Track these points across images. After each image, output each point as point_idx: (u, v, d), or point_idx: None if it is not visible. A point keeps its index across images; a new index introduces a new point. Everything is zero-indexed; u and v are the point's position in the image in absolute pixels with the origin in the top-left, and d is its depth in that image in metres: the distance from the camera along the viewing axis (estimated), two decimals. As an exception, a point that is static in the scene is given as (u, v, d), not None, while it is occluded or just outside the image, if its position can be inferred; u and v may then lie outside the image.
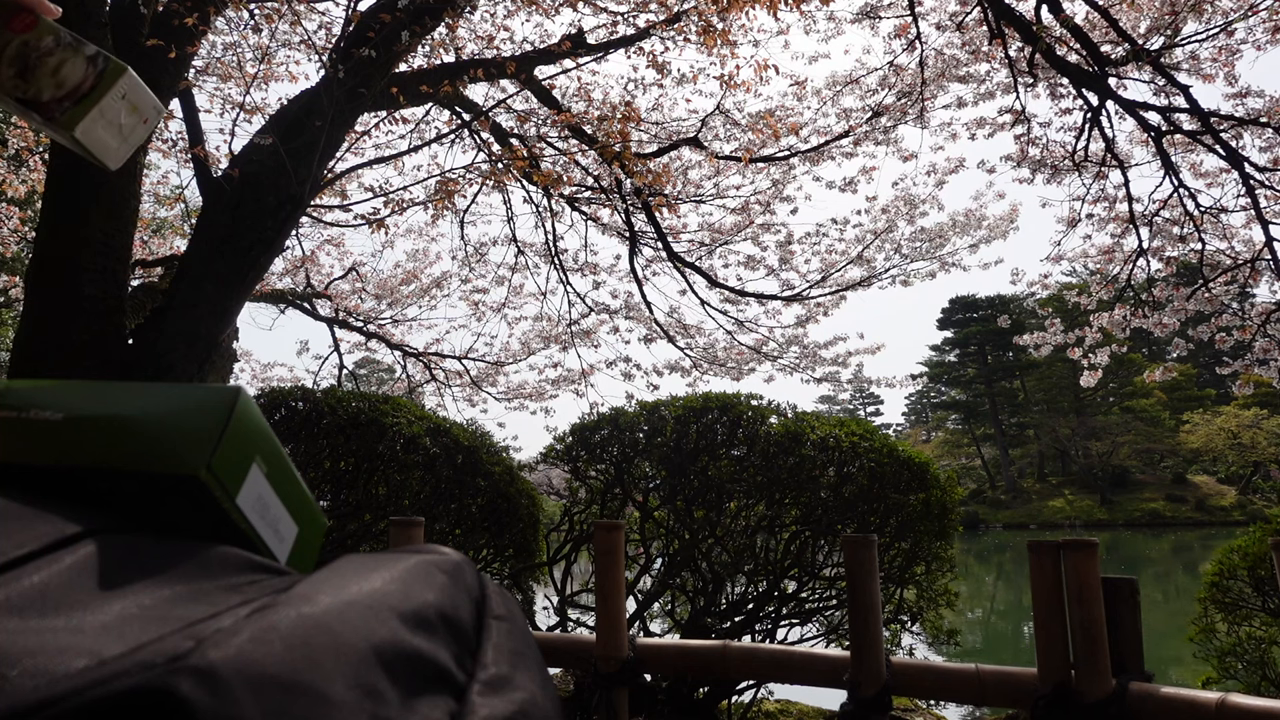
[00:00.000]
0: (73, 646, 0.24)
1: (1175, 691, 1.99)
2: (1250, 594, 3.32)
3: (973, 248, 8.27)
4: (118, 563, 0.31)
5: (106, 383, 0.43)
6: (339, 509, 4.09)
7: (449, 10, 4.14)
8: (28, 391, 0.42)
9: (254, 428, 0.42)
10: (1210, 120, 5.01)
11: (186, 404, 0.41)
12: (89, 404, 0.41)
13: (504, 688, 0.30)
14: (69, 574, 0.29)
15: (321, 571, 0.31)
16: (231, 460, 0.40)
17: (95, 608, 0.27)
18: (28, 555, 0.29)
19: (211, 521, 0.39)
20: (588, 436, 4.44)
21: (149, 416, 0.40)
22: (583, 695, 3.39)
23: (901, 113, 6.93)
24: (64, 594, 0.28)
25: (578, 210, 7.02)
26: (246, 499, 0.41)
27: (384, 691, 0.25)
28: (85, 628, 0.26)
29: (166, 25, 3.63)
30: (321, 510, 0.47)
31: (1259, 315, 5.70)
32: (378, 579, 0.30)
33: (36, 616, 0.26)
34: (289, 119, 3.98)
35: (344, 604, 0.28)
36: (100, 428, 0.39)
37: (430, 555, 0.34)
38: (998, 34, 5.37)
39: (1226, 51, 5.94)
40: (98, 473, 0.38)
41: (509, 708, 0.29)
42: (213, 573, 0.33)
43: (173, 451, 0.38)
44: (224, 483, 0.39)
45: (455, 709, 0.28)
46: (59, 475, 0.38)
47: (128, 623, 0.27)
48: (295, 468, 0.46)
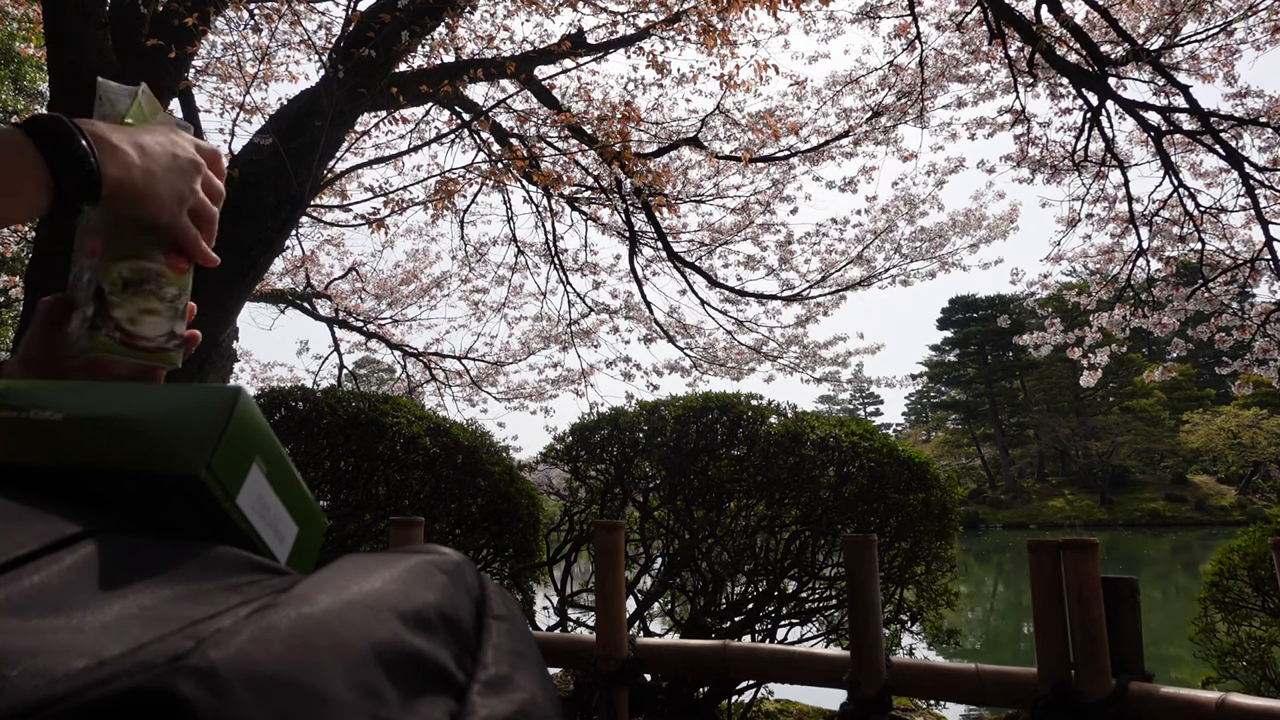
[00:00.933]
0: (73, 646, 0.24)
1: (1175, 691, 1.99)
2: (1250, 594, 3.32)
3: (972, 247, 8.28)
4: (118, 563, 0.31)
5: (106, 383, 0.43)
6: (339, 509, 4.09)
7: (449, 10, 4.14)
8: (28, 391, 0.42)
9: (254, 428, 0.42)
10: (1210, 120, 5.01)
11: (186, 404, 0.41)
12: (89, 404, 0.41)
13: (504, 688, 0.30)
14: (69, 574, 0.29)
15: (322, 572, 0.31)
16: (231, 460, 0.40)
17: (95, 608, 0.27)
18: (28, 555, 0.29)
19: (212, 522, 0.39)
20: (587, 436, 4.44)
21: (149, 417, 0.40)
22: (583, 695, 3.39)
23: (901, 112, 6.93)
24: (64, 594, 0.28)
25: (578, 210, 7.01)
26: (246, 499, 0.41)
27: (384, 691, 0.25)
28: (85, 628, 0.26)
29: (166, 25, 3.63)
30: (321, 510, 0.47)
31: (1258, 315, 5.70)
32: (378, 579, 0.30)
33: (37, 616, 0.26)
34: (289, 119, 3.98)
35: (344, 604, 0.28)
36: (100, 428, 0.39)
37: (430, 555, 0.34)
38: (997, 34, 5.37)
39: (1226, 51, 5.94)
40: (98, 473, 0.38)
41: (509, 708, 0.29)
42: (213, 573, 0.33)
43: (173, 452, 0.38)
44: (224, 483, 0.39)
45: (455, 709, 0.28)
46: (59, 475, 0.38)
47: (128, 623, 0.27)
48: (295, 468, 0.46)
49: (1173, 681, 2.36)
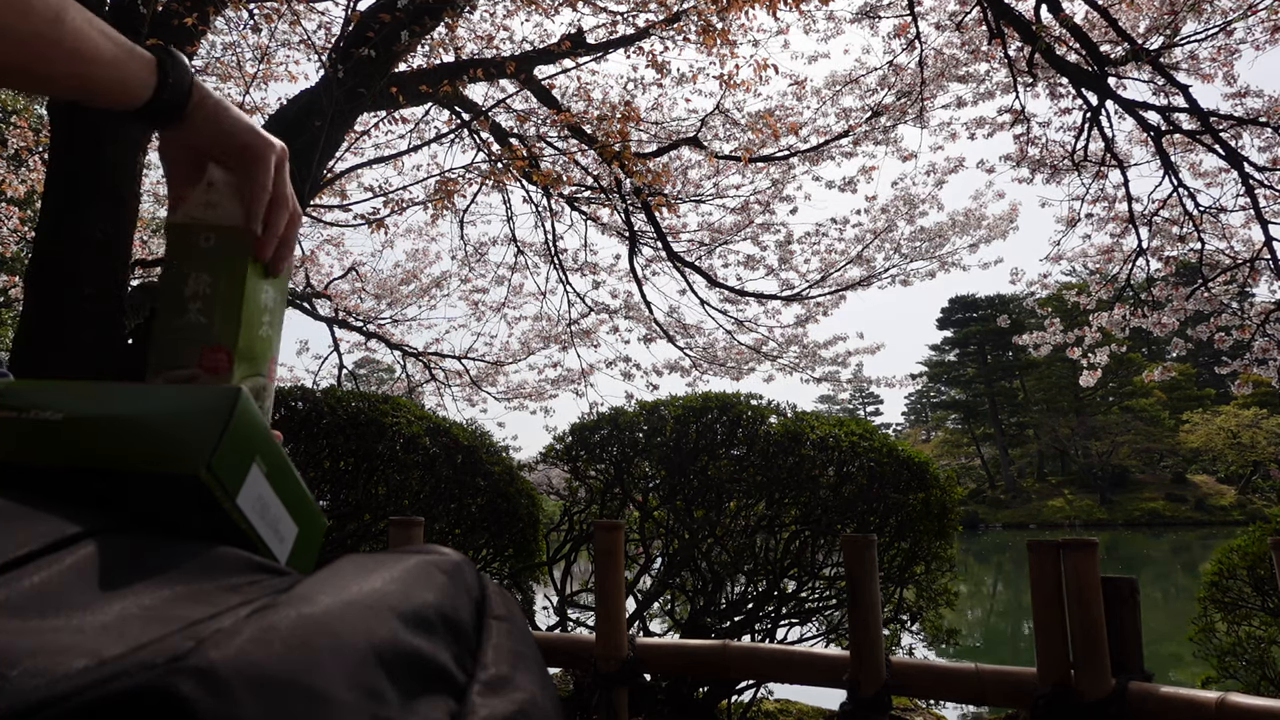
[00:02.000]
0: (73, 646, 0.24)
1: (1175, 691, 1.99)
2: (1250, 593, 3.32)
3: (972, 247, 8.29)
4: (118, 563, 0.31)
5: (107, 383, 0.43)
6: (338, 509, 4.09)
7: (448, 10, 4.14)
8: (29, 392, 0.42)
9: (254, 428, 0.42)
10: (1209, 120, 5.01)
11: (187, 405, 0.41)
12: (89, 404, 0.41)
13: (504, 688, 0.30)
14: (70, 574, 0.29)
15: (321, 572, 0.31)
16: (232, 460, 0.40)
17: (96, 608, 0.27)
18: (29, 555, 0.29)
19: (212, 522, 0.39)
20: (587, 436, 4.44)
21: (149, 417, 0.40)
22: (582, 695, 3.40)
23: (901, 112, 6.93)
24: (65, 594, 0.28)
25: (577, 210, 7.02)
26: (247, 499, 0.41)
27: (384, 692, 0.25)
28: (86, 628, 0.26)
29: (166, 25, 3.63)
30: (321, 510, 0.47)
31: (1258, 315, 5.71)
32: (378, 579, 0.30)
33: (37, 616, 0.26)
34: (289, 119, 3.98)
35: (344, 604, 0.28)
36: (101, 428, 0.39)
37: (430, 555, 0.34)
38: (997, 33, 5.37)
39: (1225, 51, 5.94)
40: (98, 473, 0.38)
41: (509, 708, 0.29)
42: (213, 573, 0.33)
43: (173, 452, 0.38)
44: (224, 483, 0.39)
45: (455, 709, 0.28)
46: (60, 475, 0.38)
47: (128, 623, 0.27)
48: (295, 468, 0.46)
49: (1172, 681, 2.36)
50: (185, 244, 0.55)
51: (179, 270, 0.55)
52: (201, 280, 0.54)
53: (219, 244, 0.55)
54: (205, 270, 0.55)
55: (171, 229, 0.56)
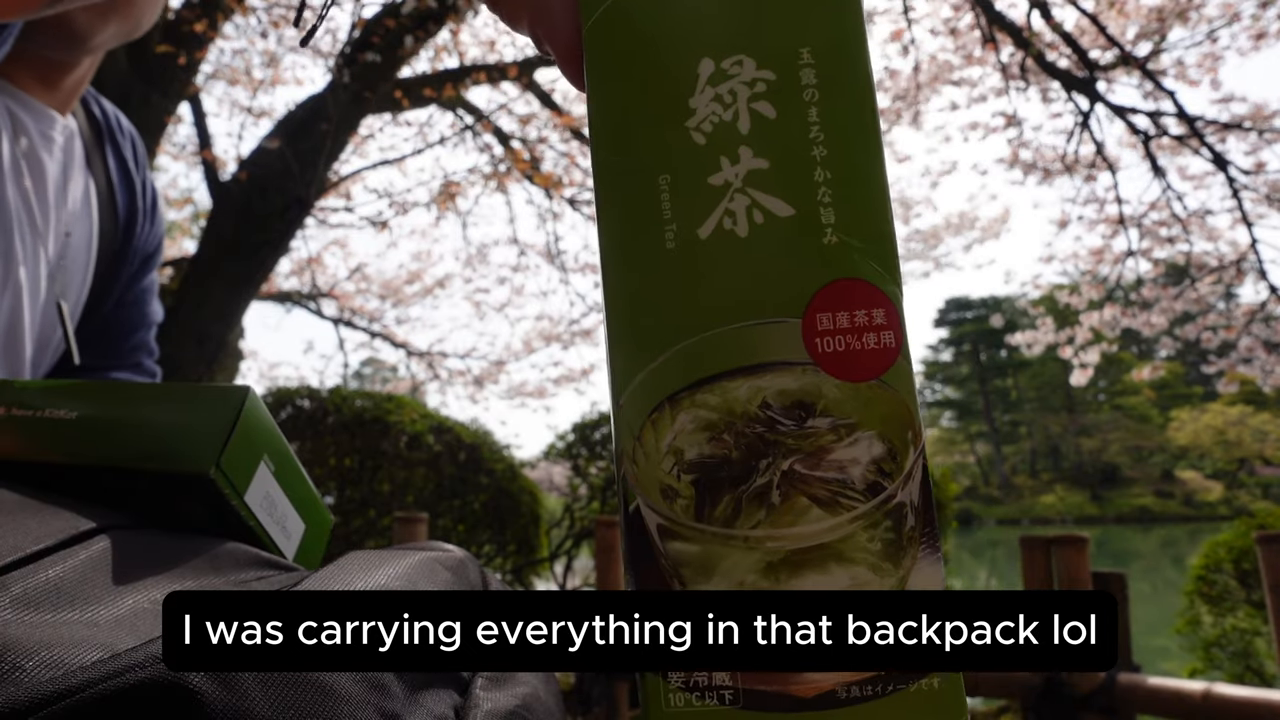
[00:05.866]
0: (87, 639, 0.24)
1: (1162, 682, 2.06)
2: (1235, 587, 3.38)
3: (966, 248, 8.36)
4: (130, 558, 0.31)
5: (118, 383, 0.46)
6: (344, 506, 4.14)
7: (452, 16, 4.19)
8: (42, 392, 0.43)
9: (262, 427, 0.42)
10: (1196, 124, 5.11)
11: (195, 404, 0.41)
12: (101, 404, 0.41)
13: (507, 681, 0.30)
14: (84, 569, 0.29)
15: (328, 567, 0.31)
16: (240, 459, 0.40)
17: (109, 602, 0.28)
18: (44, 550, 0.29)
19: (221, 519, 0.40)
20: (589, 434, 4.50)
21: (159, 416, 0.40)
22: (584, 689, 3.46)
23: (896, 115, 7.00)
24: (79, 588, 0.28)
25: (579, 211, 7.07)
26: (254, 496, 0.41)
27: (389, 684, 0.26)
28: (99, 621, 0.26)
29: (176, 31, 3.68)
30: (327, 507, 0.49)
31: (1244, 314, 5.81)
32: (383, 575, 0.30)
33: (51, 610, 0.26)
34: (295, 122, 4.03)
35: None
36: (112, 427, 0.40)
37: (434, 551, 0.35)
38: (990, 39, 5.46)
39: (1211, 58, 6.03)
40: (111, 471, 0.39)
41: (512, 701, 0.29)
42: (222, 569, 0.33)
43: (182, 451, 0.39)
44: (233, 481, 0.39)
45: (459, 702, 0.28)
46: (74, 473, 0.39)
47: (140, 617, 0.27)
48: (301, 465, 0.46)
49: (1160, 672, 2.43)
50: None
51: None
52: None
53: None
54: None
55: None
